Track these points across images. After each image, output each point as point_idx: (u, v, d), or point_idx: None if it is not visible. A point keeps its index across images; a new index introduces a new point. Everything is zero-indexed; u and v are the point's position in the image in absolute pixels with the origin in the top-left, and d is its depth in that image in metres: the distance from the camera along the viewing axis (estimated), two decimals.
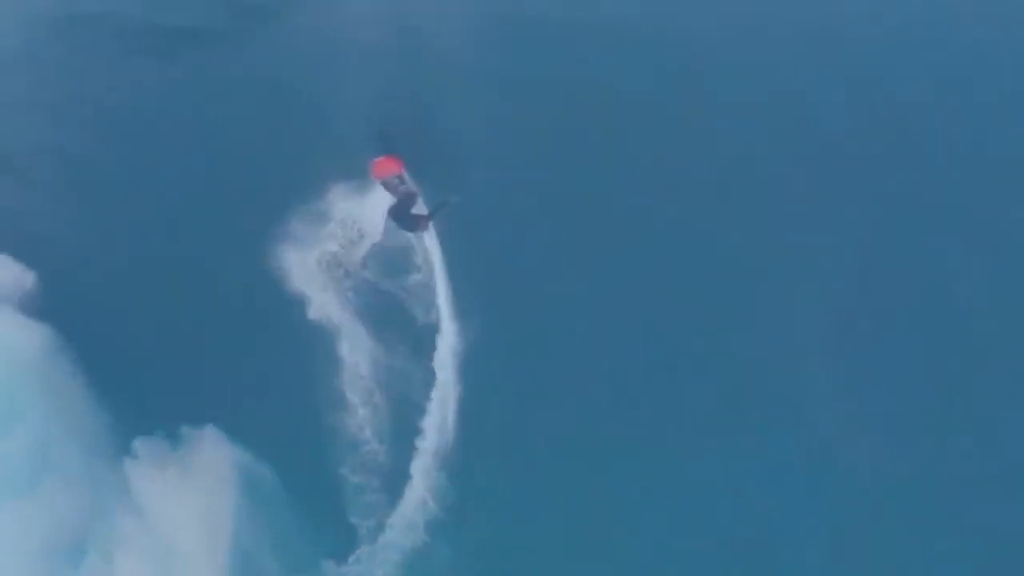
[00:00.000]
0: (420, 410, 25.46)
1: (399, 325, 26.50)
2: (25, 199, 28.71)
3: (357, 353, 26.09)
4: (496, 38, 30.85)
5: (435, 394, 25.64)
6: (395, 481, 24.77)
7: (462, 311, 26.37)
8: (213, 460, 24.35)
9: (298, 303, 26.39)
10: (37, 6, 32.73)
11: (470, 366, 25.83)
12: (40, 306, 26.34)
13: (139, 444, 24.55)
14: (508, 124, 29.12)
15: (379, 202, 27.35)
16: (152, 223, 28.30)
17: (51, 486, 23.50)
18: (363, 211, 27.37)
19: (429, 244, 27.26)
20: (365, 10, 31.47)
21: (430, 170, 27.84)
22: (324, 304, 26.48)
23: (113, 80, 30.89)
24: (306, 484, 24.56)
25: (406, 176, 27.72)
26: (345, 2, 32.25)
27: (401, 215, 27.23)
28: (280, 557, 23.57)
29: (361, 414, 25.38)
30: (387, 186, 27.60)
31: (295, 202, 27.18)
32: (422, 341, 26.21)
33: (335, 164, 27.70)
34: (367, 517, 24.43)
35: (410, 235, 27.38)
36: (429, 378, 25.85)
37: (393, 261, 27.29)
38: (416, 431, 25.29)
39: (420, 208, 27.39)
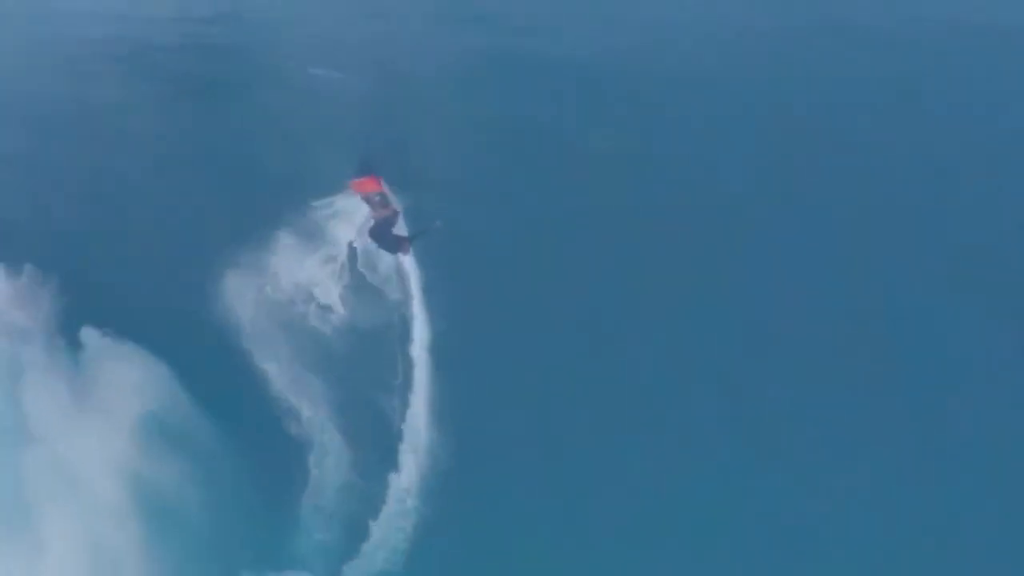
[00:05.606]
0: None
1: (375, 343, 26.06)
2: None
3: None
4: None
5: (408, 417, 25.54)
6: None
7: (437, 334, 26.11)
8: None
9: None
10: None
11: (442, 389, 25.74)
12: None
13: None
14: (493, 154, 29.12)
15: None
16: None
17: None
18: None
19: (408, 266, 26.80)
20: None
21: (414, 193, 27.36)
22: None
23: None
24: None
25: (389, 195, 27.09)
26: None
27: (382, 235, 26.63)
28: None
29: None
30: (369, 202, 26.92)
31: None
32: (397, 363, 25.90)
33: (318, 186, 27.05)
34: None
35: (391, 256, 26.82)
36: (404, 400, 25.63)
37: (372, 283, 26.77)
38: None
39: (401, 229, 26.85)
